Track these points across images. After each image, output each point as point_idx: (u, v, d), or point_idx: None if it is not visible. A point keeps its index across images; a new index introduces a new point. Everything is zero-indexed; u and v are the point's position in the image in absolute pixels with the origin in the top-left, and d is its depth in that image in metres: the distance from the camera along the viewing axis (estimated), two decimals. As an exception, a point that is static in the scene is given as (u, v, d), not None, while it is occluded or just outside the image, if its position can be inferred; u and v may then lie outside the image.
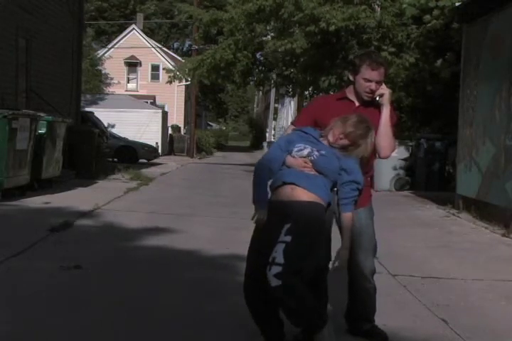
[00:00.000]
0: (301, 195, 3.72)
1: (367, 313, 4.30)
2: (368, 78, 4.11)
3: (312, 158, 3.80)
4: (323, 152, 3.82)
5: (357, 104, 4.22)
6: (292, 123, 4.36)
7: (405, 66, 15.75)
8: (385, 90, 4.16)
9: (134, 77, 45.81)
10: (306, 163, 3.80)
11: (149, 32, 52.56)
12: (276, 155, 3.88)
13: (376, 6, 16.35)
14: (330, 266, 3.95)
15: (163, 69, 31.02)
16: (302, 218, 3.66)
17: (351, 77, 4.24)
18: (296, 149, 3.84)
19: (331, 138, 3.86)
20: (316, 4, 16.09)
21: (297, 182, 3.74)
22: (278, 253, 3.58)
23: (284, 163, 3.84)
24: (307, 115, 4.28)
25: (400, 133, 17.10)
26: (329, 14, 15.73)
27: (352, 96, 4.23)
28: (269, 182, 3.89)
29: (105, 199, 10.90)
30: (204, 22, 20.81)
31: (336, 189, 3.87)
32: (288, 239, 3.61)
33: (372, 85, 4.11)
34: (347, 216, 3.85)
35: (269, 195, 3.86)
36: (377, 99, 4.16)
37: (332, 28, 15.76)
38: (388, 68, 4.40)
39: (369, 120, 3.96)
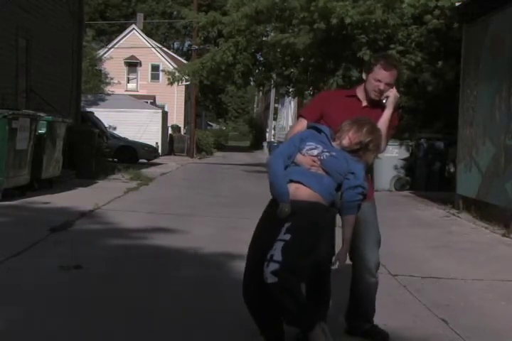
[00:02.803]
0: (305, 194, 3.75)
1: (366, 311, 4.29)
2: (379, 78, 4.15)
3: (321, 158, 3.83)
4: (333, 153, 3.85)
5: (364, 103, 4.25)
6: (300, 115, 4.40)
7: (410, 65, 15.71)
8: (391, 93, 4.20)
9: (134, 77, 45.82)
10: (314, 161, 3.83)
11: (148, 31, 52.60)
12: (289, 151, 3.89)
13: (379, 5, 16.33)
14: (331, 266, 3.97)
15: (162, 71, 31.02)
16: (302, 218, 3.69)
17: (364, 76, 4.29)
18: (307, 148, 3.87)
19: (346, 143, 3.89)
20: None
21: (303, 181, 3.78)
22: (276, 251, 3.61)
23: (293, 160, 3.87)
24: (315, 106, 4.33)
25: (400, 133, 17.12)
26: (342, 9, 15.67)
27: (361, 95, 4.27)
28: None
29: (105, 199, 10.90)
30: (201, 25, 20.83)
31: (339, 192, 3.89)
32: (287, 237, 3.64)
33: (381, 85, 4.15)
34: (351, 218, 3.89)
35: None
36: (384, 101, 4.19)
37: (348, 20, 15.67)
38: (400, 71, 4.45)
39: (378, 127, 4.02)
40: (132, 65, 45.54)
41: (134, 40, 44.54)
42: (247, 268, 3.90)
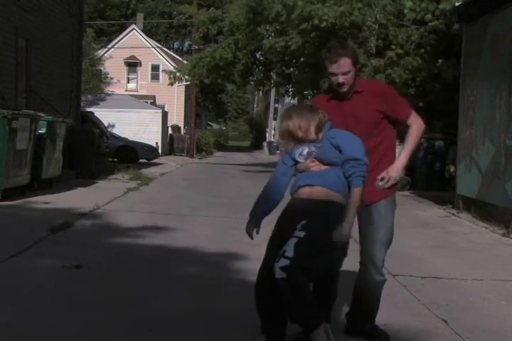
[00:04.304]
0: (319, 193, 3.81)
1: (370, 311, 4.27)
2: (333, 72, 4.06)
3: (314, 155, 3.87)
4: (318, 145, 3.89)
5: (342, 100, 4.15)
6: None
7: (407, 68, 15.68)
8: (389, 178, 4.11)
9: (134, 77, 45.81)
10: (312, 161, 3.88)
11: (148, 31, 52.61)
12: (282, 169, 3.99)
13: (373, 5, 16.30)
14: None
15: (163, 71, 30.99)
16: (319, 216, 3.74)
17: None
18: (297, 154, 3.93)
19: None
20: (305, 3, 16.04)
21: (311, 183, 3.84)
22: (289, 247, 3.65)
23: (296, 170, 3.95)
24: None
25: (400, 133, 17.11)
26: (321, 11, 15.70)
27: (335, 95, 4.18)
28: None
29: (105, 199, 10.90)
30: (202, 20, 20.79)
31: None
32: (301, 234, 3.68)
33: (339, 78, 4.04)
34: (355, 191, 3.84)
35: (265, 212, 4.02)
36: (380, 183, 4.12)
37: (324, 24, 15.69)
38: (357, 55, 4.23)
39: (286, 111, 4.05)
40: (132, 65, 45.52)
41: (134, 40, 44.54)
42: (262, 266, 3.91)
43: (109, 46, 45.39)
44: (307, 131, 3.88)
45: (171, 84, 22.50)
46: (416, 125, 4.23)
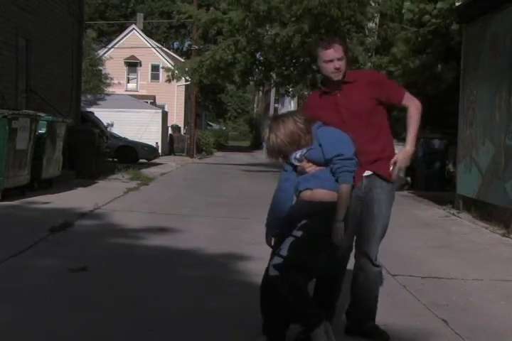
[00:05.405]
0: (319, 195, 3.82)
1: (369, 307, 4.26)
2: (328, 59, 4.07)
3: (307, 157, 3.89)
4: (310, 147, 3.91)
5: (337, 93, 4.15)
6: None
7: (404, 64, 15.67)
8: (399, 163, 4.11)
9: (134, 77, 45.81)
10: (307, 163, 3.89)
11: (148, 31, 52.62)
12: (285, 175, 4.04)
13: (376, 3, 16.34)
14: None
15: (162, 67, 30.93)
16: (317, 217, 3.75)
17: (317, 66, 4.23)
18: (292, 159, 3.96)
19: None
20: None
21: (309, 186, 3.86)
22: (284, 246, 3.68)
23: (298, 173, 3.97)
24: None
25: (400, 133, 17.09)
26: None
27: (329, 88, 4.18)
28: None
29: (105, 199, 10.90)
30: (203, 22, 20.79)
31: None
32: (298, 234, 3.71)
33: (336, 64, 4.06)
34: (342, 187, 3.80)
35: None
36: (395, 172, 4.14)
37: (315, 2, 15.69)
38: (347, 46, 4.31)
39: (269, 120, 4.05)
40: (132, 65, 45.52)
41: (134, 40, 44.54)
42: (268, 264, 3.91)
43: (109, 46, 45.39)
44: (295, 142, 3.88)
45: (169, 80, 22.56)
46: (413, 106, 4.20)
